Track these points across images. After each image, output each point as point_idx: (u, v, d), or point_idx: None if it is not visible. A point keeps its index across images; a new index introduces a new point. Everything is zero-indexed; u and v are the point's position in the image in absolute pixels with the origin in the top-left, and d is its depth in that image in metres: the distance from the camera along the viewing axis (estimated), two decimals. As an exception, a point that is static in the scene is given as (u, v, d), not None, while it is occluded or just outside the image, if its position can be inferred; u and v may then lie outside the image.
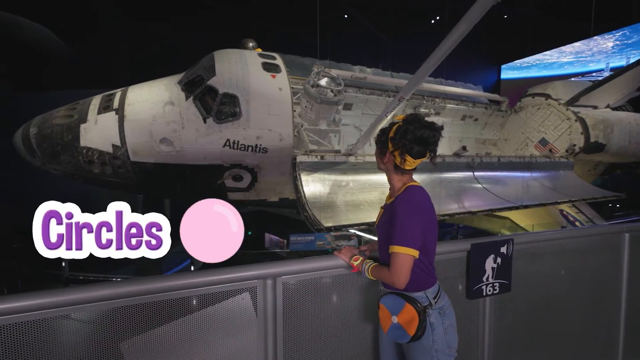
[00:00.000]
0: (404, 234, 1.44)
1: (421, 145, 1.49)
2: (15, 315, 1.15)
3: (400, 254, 1.43)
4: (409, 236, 1.44)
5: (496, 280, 1.97)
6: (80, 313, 1.25)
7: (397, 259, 1.44)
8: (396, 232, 1.46)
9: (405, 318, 1.48)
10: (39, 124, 4.99)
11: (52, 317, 1.19)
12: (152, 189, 5.84)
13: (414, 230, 1.45)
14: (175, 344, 1.37)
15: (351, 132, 7.08)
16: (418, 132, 1.48)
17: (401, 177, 1.59)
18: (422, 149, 1.50)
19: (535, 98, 9.04)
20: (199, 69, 5.19)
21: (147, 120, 4.88)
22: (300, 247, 4.87)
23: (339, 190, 5.64)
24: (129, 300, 1.29)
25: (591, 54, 15.58)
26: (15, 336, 1.14)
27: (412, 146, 1.48)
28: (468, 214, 6.24)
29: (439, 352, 1.52)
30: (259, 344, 1.52)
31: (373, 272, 1.57)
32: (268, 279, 1.52)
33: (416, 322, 1.47)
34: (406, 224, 1.45)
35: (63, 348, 1.22)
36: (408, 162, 1.52)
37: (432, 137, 1.49)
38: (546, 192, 7.57)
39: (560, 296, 2.32)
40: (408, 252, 1.43)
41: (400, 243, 1.44)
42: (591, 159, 8.71)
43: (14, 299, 1.16)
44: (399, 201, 1.51)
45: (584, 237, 2.47)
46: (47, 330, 1.19)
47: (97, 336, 1.29)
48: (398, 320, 1.50)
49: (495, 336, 2.07)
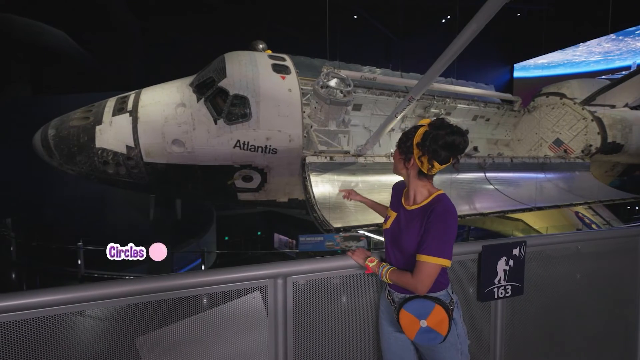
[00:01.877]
0: (444, 245, 1.43)
1: (450, 151, 1.47)
2: (33, 310, 1.20)
3: (431, 264, 1.42)
4: (447, 247, 1.43)
5: (508, 283, 1.93)
6: (94, 310, 1.29)
7: (426, 268, 1.42)
8: (435, 242, 1.43)
9: (436, 320, 1.47)
10: (57, 125, 5.15)
11: (68, 312, 1.24)
12: (164, 189, 5.95)
13: (451, 241, 1.45)
14: (188, 340, 1.40)
15: (360, 132, 7.06)
16: (450, 138, 1.44)
17: (425, 183, 1.56)
18: (450, 154, 1.48)
19: (549, 97, 8.84)
20: (210, 71, 5.27)
21: (160, 121, 4.98)
22: (309, 247, 4.88)
23: (348, 191, 5.62)
24: (143, 298, 1.32)
25: (619, 53, 15.13)
26: (34, 331, 1.19)
27: (442, 152, 1.46)
28: (480, 215, 6.14)
29: (463, 345, 1.56)
30: (269, 342, 1.52)
31: (392, 276, 1.54)
32: (279, 279, 1.53)
33: (447, 321, 1.47)
34: (447, 235, 1.44)
35: (78, 343, 1.27)
36: (434, 167, 1.49)
37: (462, 144, 1.46)
38: (561, 194, 7.38)
39: (575, 301, 2.25)
40: (442, 262, 1.42)
41: (436, 254, 1.42)
42: (608, 159, 8.45)
43: (33, 294, 1.21)
44: (440, 211, 1.47)
45: (599, 240, 2.38)
46: (64, 326, 1.23)
47: (111, 333, 1.32)
48: (428, 323, 1.48)
49: (506, 340, 2.02)
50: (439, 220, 1.45)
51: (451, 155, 1.47)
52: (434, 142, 1.45)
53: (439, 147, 1.45)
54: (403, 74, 7.90)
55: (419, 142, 1.48)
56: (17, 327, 1.16)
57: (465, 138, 1.47)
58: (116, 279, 3.05)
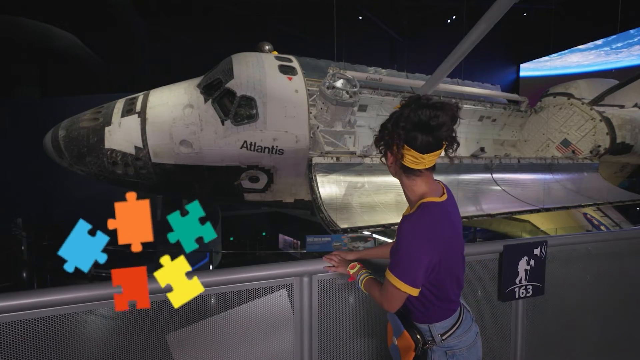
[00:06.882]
0: (403, 266, 1.16)
1: (424, 131, 1.11)
2: (43, 309, 1.22)
3: (394, 286, 1.18)
4: (408, 271, 1.16)
5: (529, 283, 1.92)
6: (105, 309, 1.29)
7: (389, 288, 1.20)
8: (395, 260, 1.18)
9: (403, 344, 1.30)
10: (67, 126, 5.23)
11: (78, 312, 1.26)
12: (171, 189, 6.00)
13: (416, 265, 1.15)
14: (217, 337, 1.42)
15: (366, 133, 7.06)
16: (414, 115, 1.11)
17: (415, 182, 1.22)
18: (430, 138, 1.12)
19: (557, 97, 8.75)
20: (217, 72, 5.31)
21: (168, 122, 5.03)
22: (316, 248, 4.89)
23: (354, 191, 5.64)
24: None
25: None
26: (45, 329, 1.21)
27: (414, 135, 1.12)
28: (487, 216, 6.10)
29: None
30: (295, 339, 1.54)
31: (366, 286, 1.36)
32: (304, 277, 1.54)
33: (412, 354, 1.26)
34: (409, 257, 1.15)
35: (90, 342, 1.29)
36: (413, 158, 1.14)
37: (434, 119, 1.10)
38: (569, 195, 7.30)
39: (595, 302, 2.22)
40: (403, 288, 1.16)
41: (397, 275, 1.17)
42: (617, 160, 8.35)
43: (44, 293, 1.23)
44: (407, 224, 1.18)
45: (623, 240, 2.32)
46: (74, 325, 1.25)
47: (144, 329, 1.32)
48: (397, 343, 1.32)
49: (527, 339, 2.01)
50: (406, 236, 1.17)
51: (430, 137, 1.12)
52: (396, 123, 1.14)
53: (402, 128, 1.12)
54: (408, 75, 7.89)
55: (389, 127, 1.17)
56: (28, 325, 1.18)
57: (438, 112, 1.10)
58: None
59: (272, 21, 12.91)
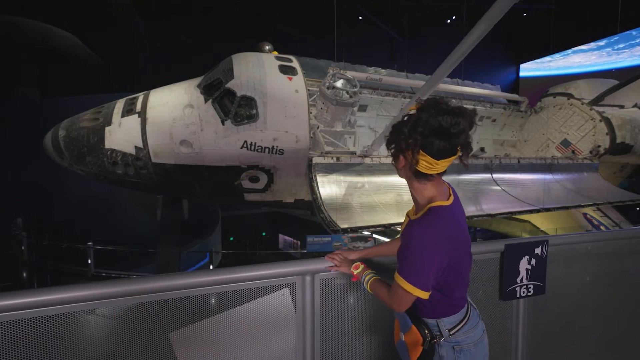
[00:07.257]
0: (414, 270, 1.18)
1: (442, 137, 1.11)
2: (43, 308, 1.22)
3: (403, 288, 1.19)
4: (419, 275, 1.18)
5: (530, 282, 1.92)
6: (105, 309, 1.29)
7: (398, 290, 1.22)
8: (406, 263, 1.19)
9: (411, 340, 1.31)
10: (67, 126, 5.23)
11: (78, 311, 1.25)
12: (171, 189, 6.01)
13: (427, 269, 1.17)
14: (220, 336, 1.43)
15: (366, 133, 7.06)
16: (434, 120, 1.10)
17: (426, 186, 1.23)
18: (446, 143, 1.12)
19: (556, 98, 8.76)
20: (217, 72, 5.31)
21: (168, 122, 5.03)
22: (316, 248, 4.89)
23: (354, 191, 5.64)
24: (173, 294, 1.34)
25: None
26: (45, 328, 1.21)
27: (431, 141, 1.11)
28: (487, 216, 6.11)
29: None
30: (297, 338, 1.55)
31: (372, 286, 1.36)
32: (307, 275, 1.54)
33: (419, 349, 1.28)
34: (420, 261, 1.17)
35: (89, 341, 1.29)
36: (427, 163, 1.14)
37: (455, 126, 1.10)
38: (569, 195, 7.31)
39: (596, 301, 2.22)
40: (414, 292, 1.18)
41: (407, 279, 1.18)
42: (617, 160, 8.36)
43: (44, 292, 1.23)
44: (417, 229, 1.19)
45: (622, 239, 2.32)
46: (74, 324, 1.25)
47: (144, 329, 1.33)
48: (405, 339, 1.34)
49: (528, 339, 2.02)
50: (415, 239, 1.18)
51: (447, 143, 1.12)
52: (414, 128, 1.13)
53: (420, 134, 1.11)
54: (408, 75, 7.89)
55: (406, 132, 1.15)
56: (28, 324, 1.19)
57: (459, 118, 1.10)
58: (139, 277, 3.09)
59: (272, 21, 12.91)
